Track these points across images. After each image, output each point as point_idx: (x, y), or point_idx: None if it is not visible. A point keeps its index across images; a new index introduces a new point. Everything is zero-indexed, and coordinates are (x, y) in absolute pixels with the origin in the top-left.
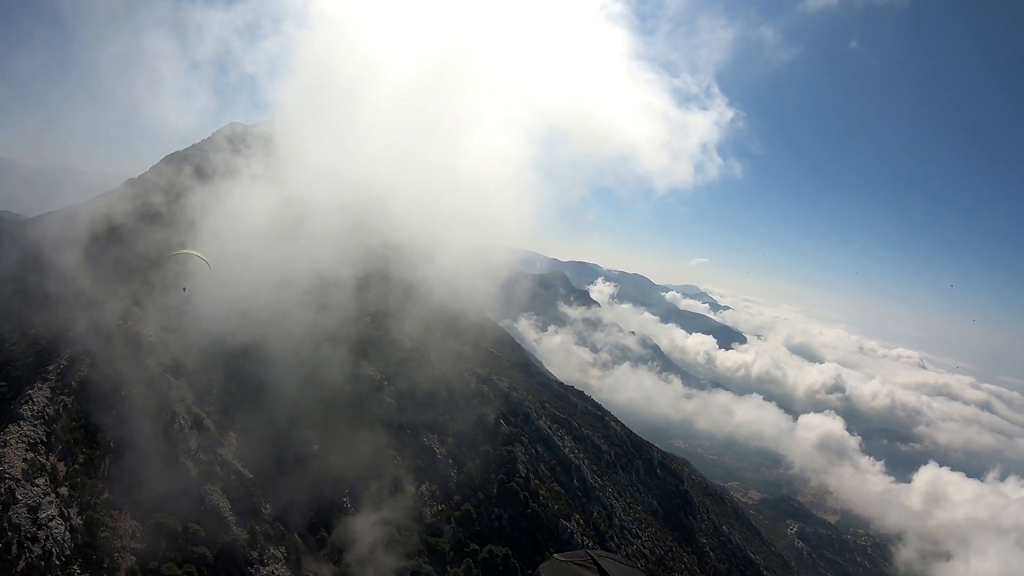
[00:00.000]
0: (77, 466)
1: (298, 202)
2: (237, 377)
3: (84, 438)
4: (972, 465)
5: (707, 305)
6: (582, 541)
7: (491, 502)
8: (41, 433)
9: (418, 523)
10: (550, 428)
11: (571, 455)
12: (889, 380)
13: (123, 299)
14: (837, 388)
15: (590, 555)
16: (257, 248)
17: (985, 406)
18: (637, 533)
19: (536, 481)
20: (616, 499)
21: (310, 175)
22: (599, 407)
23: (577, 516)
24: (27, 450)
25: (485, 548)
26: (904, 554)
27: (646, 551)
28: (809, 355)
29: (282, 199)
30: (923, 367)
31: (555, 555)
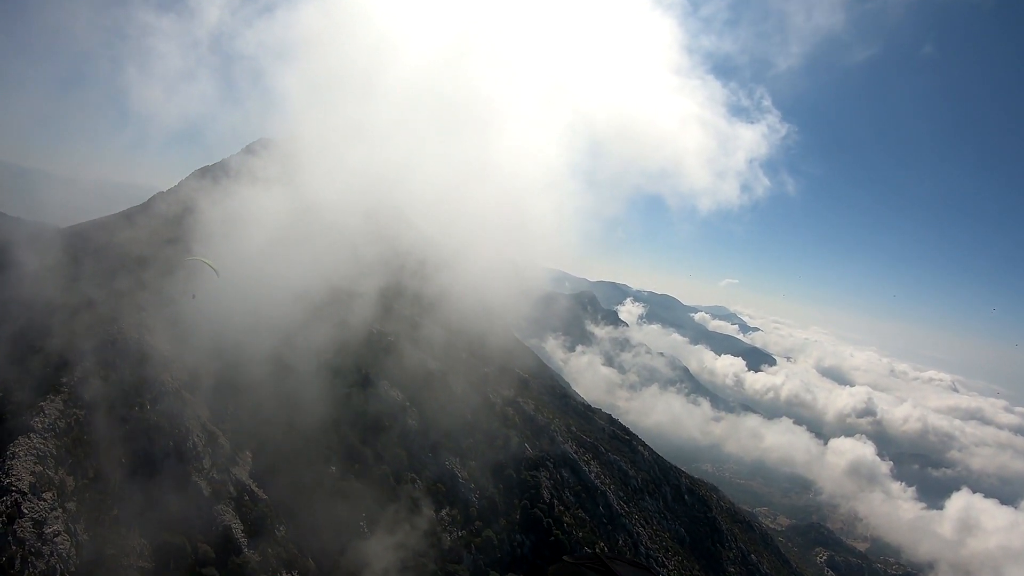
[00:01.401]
0: (86, 481)
1: (318, 210)
2: (254, 394)
3: (95, 453)
4: (1006, 492)
5: (736, 326)
6: None
7: (513, 528)
8: (51, 446)
9: (436, 549)
10: (576, 452)
11: (597, 480)
12: (921, 404)
13: (141, 312)
14: (868, 412)
15: (600, 557)
16: (275, 259)
17: (1020, 431)
18: (663, 562)
19: (560, 507)
20: (643, 526)
21: (331, 181)
22: (626, 431)
23: (602, 544)
24: (36, 463)
25: None
26: None
27: None
28: (840, 378)
29: (301, 207)
30: (955, 390)
31: (565, 557)
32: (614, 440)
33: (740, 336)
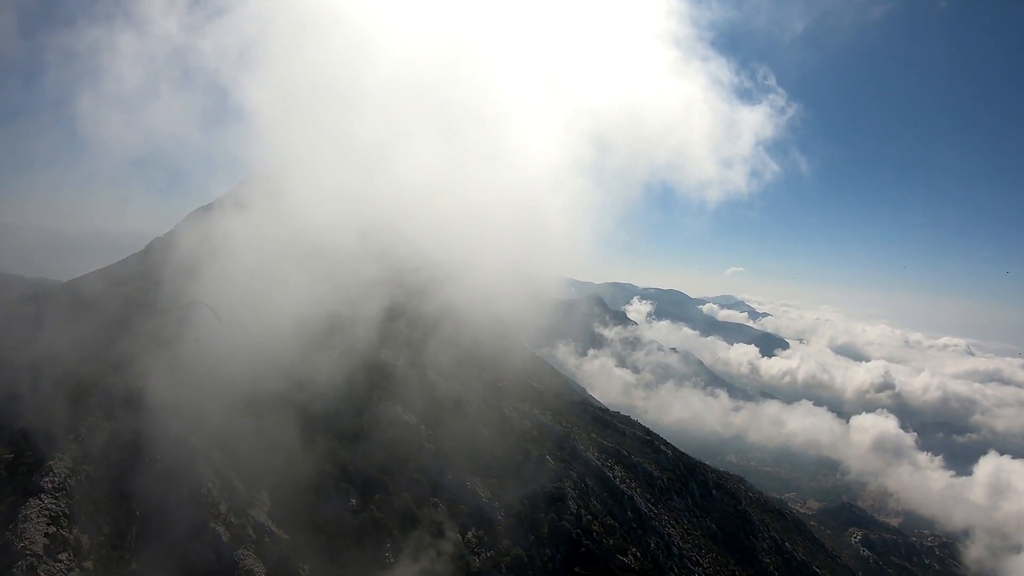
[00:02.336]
0: (102, 538)
1: (309, 235)
2: (265, 432)
3: (108, 508)
4: None
5: (745, 314)
6: None
7: (542, 543)
8: (63, 506)
9: (465, 572)
10: (598, 459)
11: (623, 485)
12: (939, 371)
13: (143, 360)
14: (887, 385)
15: (612, 569)
16: (271, 292)
17: None
18: (698, 560)
19: (588, 516)
20: (673, 527)
21: (320, 200)
22: (647, 431)
23: (634, 550)
24: (48, 524)
25: None
26: (973, 551)
27: None
28: (854, 354)
29: (292, 234)
30: (971, 354)
31: (576, 568)
32: (636, 442)
33: (751, 323)
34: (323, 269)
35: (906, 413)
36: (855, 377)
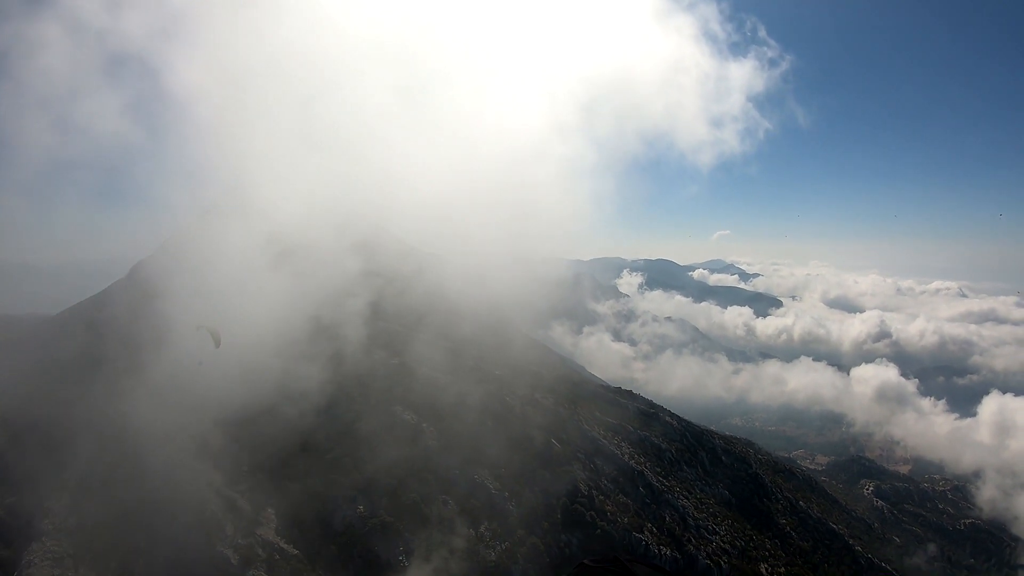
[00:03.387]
0: (110, 575)
1: (283, 235)
2: (264, 448)
3: (113, 543)
4: None
5: (736, 276)
6: (659, 551)
7: (557, 530)
8: (67, 546)
9: (481, 567)
10: (605, 438)
11: (631, 462)
12: (933, 316)
13: (135, 387)
14: (883, 335)
15: (619, 559)
16: (250, 302)
17: None
18: (714, 529)
19: (600, 497)
20: (686, 498)
21: (289, 197)
22: (651, 404)
23: (650, 525)
24: (53, 567)
25: None
26: (986, 492)
27: (727, 546)
28: (848, 306)
29: (264, 237)
30: (964, 296)
31: (584, 560)
32: (640, 416)
33: (742, 285)
34: (303, 269)
35: (905, 360)
36: (851, 329)
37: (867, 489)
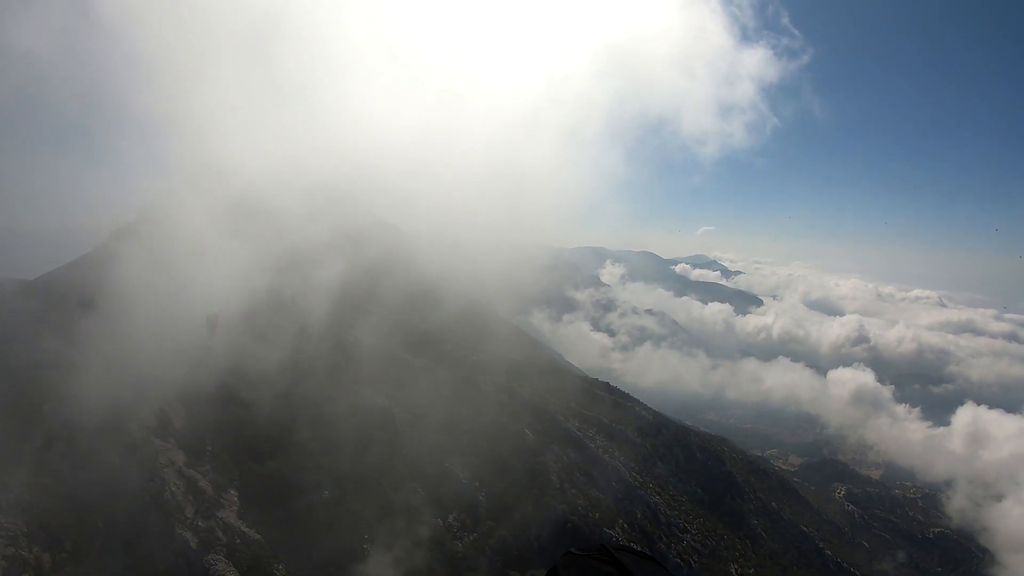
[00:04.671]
0: (64, 555)
1: (248, 199)
2: (228, 429)
3: (70, 522)
4: (1009, 399)
5: (718, 272)
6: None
7: (527, 522)
8: (21, 523)
9: (448, 558)
10: (580, 429)
11: (606, 455)
12: (912, 323)
13: (95, 361)
14: (862, 339)
15: (607, 548)
16: (214, 270)
17: (1013, 337)
18: (685, 527)
19: (573, 490)
20: (659, 494)
21: (254, 157)
22: (627, 396)
23: (621, 521)
24: (7, 545)
25: (527, 574)
26: (956, 502)
27: (697, 545)
28: (828, 309)
29: (230, 203)
30: (943, 305)
31: (571, 550)
32: (616, 408)
33: (724, 282)
34: (269, 237)
35: (882, 366)
36: (830, 332)
37: (839, 492)
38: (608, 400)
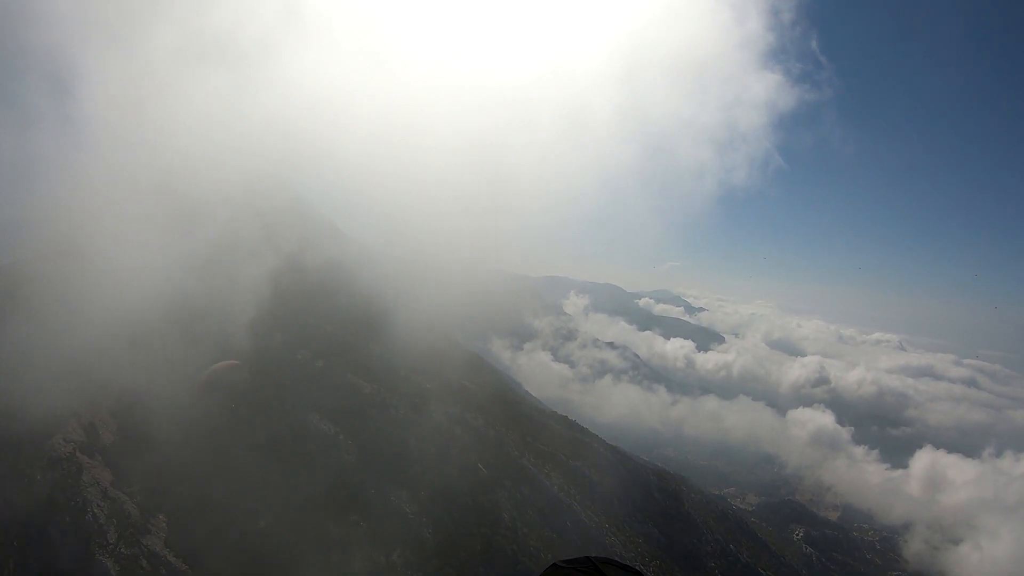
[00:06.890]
0: None
1: (173, 191)
2: (161, 447)
3: None
4: (967, 443)
5: (682, 308)
6: None
7: (476, 561)
8: None
9: None
10: (534, 465)
11: (561, 494)
12: (872, 366)
13: (18, 363)
14: (822, 380)
15: (592, 561)
16: (142, 266)
17: (971, 383)
18: (642, 570)
19: (524, 530)
20: (615, 535)
21: (183, 139)
22: (585, 431)
23: None
24: None
25: None
26: (913, 545)
27: None
28: (789, 349)
29: (158, 194)
30: (903, 349)
31: (556, 562)
32: (574, 444)
33: (687, 318)
34: (198, 237)
35: (841, 407)
36: (791, 372)
37: (797, 534)
38: (566, 436)
